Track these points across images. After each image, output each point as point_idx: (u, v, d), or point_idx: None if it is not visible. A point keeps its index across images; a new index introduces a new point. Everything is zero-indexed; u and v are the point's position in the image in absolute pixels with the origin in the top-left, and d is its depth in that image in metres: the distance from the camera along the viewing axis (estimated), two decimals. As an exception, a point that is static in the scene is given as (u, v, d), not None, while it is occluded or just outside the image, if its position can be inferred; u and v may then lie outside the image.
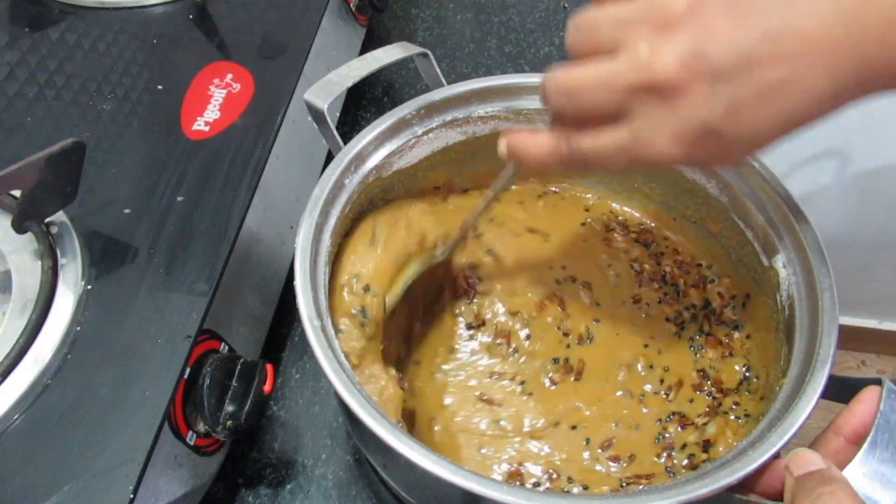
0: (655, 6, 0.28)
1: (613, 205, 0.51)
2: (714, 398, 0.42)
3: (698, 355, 0.44)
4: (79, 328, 0.37)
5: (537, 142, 0.33)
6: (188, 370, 0.37)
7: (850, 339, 1.34)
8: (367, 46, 0.68)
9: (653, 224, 0.50)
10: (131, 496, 0.32)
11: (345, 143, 0.41)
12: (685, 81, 0.27)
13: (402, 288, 0.41)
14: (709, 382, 0.43)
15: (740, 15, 0.26)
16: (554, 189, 0.51)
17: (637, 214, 0.50)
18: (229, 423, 0.38)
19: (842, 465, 0.29)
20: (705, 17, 0.27)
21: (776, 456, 0.29)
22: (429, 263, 0.43)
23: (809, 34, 0.26)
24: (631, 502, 0.28)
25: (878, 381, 0.30)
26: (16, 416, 0.34)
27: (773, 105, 0.27)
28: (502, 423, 0.41)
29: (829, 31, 0.26)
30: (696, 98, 0.27)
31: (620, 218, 0.50)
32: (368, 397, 0.31)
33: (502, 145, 0.34)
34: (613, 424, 0.41)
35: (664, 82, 0.27)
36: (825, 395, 0.31)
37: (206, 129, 0.47)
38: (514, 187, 0.51)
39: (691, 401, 0.42)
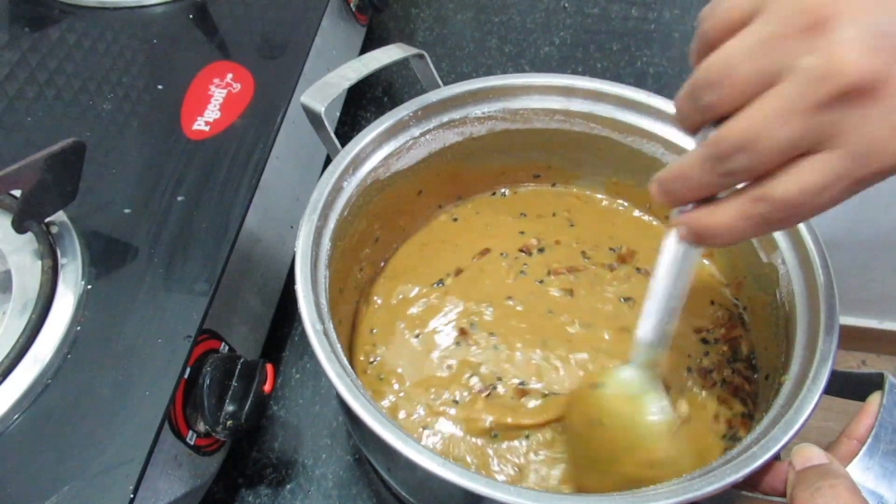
0: (792, 10, 0.23)
1: (604, 202, 0.51)
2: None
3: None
4: (79, 328, 0.37)
5: (720, 216, 0.27)
6: (188, 370, 0.37)
7: (850, 338, 1.34)
8: (367, 46, 0.68)
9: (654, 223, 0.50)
10: (131, 496, 0.32)
11: (343, 144, 0.41)
12: (883, 67, 0.22)
13: None
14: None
15: None
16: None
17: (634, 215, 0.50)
18: (229, 422, 0.38)
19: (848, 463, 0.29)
20: None
21: (780, 453, 0.29)
22: None
23: None
24: (635, 501, 0.28)
25: (881, 376, 0.30)
26: (16, 416, 0.34)
27: None
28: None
29: None
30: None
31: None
32: (371, 398, 0.31)
33: (682, 231, 0.29)
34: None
35: (860, 79, 0.22)
36: (828, 390, 0.31)
37: (207, 129, 0.47)
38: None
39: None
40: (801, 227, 0.37)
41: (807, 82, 0.23)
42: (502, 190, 0.51)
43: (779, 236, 0.39)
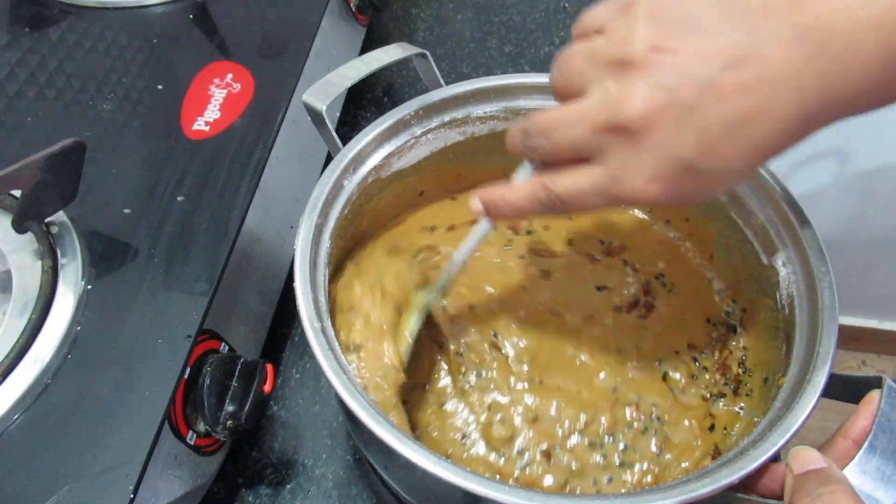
0: (617, 42, 0.28)
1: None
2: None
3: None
4: (79, 328, 0.37)
5: (513, 192, 0.33)
6: (188, 370, 0.37)
7: (851, 339, 1.34)
8: (367, 46, 0.68)
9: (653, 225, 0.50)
10: (131, 496, 0.32)
11: (344, 143, 0.41)
12: (652, 118, 0.27)
13: (410, 340, 0.41)
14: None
15: (701, 45, 0.26)
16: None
17: (635, 215, 0.50)
18: (229, 422, 0.38)
19: (845, 466, 0.29)
20: (665, 51, 0.26)
21: (777, 455, 0.29)
22: (426, 310, 0.42)
23: (771, 62, 0.25)
24: (631, 502, 0.28)
25: (879, 380, 0.30)
26: (16, 416, 0.34)
27: (743, 136, 0.26)
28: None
29: (792, 59, 0.25)
30: (665, 133, 0.27)
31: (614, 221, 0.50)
32: (370, 398, 0.31)
33: (475, 203, 0.34)
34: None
35: (631, 121, 0.27)
36: (826, 393, 0.31)
37: (207, 129, 0.47)
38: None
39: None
40: (801, 227, 0.37)
41: (600, 103, 0.28)
42: None
43: (779, 238, 0.39)
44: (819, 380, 0.31)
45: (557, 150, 0.30)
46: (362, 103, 0.67)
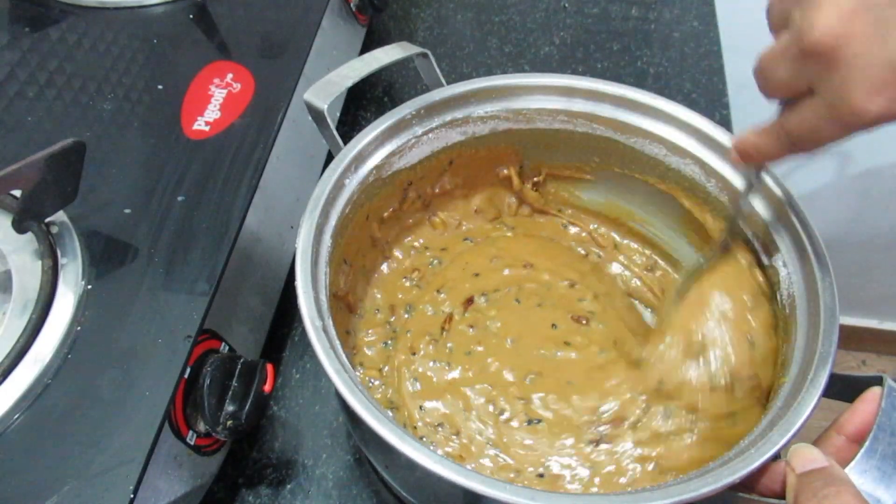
0: None
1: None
2: None
3: None
4: (79, 328, 0.37)
5: (759, 136, 0.34)
6: (188, 370, 0.37)
7: (851, 339, 1.34)
8: (367, 46, 0.67)
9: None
10: (131, 496, 0.32)
11: (345, 143, 0.41)
12: (843, 33, 0.26)
13: None
14: None
15: None
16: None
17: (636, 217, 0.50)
18: (229, 422, 0.38)
19: (843, 464, 0.29)
20: None
21: (777, 454, 0.29)
22: None
23: None
24: (631, 501, 0.28)
25: (880, 379, 0.30)
26: (16, 416, 0.34)
27: None
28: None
29: None
30: (864, 44, 0.26)
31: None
32: (371, 397, 0.31)
33: (732, 152, 0.36)
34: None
35: (820, 43, 0.26)
36: (826, 393, 0.31)
37: (207, 128, 0.47)
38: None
39: None
40: (801, 227, 0.37)
41: (791, 34, 0.28)
42: None
43: (779, 238, 0.39)
44: (819, 380, 0.31)
45: (775, 88, 0.31)
46: (362, 103, 0.67)
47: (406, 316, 0.46)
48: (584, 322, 0.44)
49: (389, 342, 0.45)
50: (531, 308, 0.45)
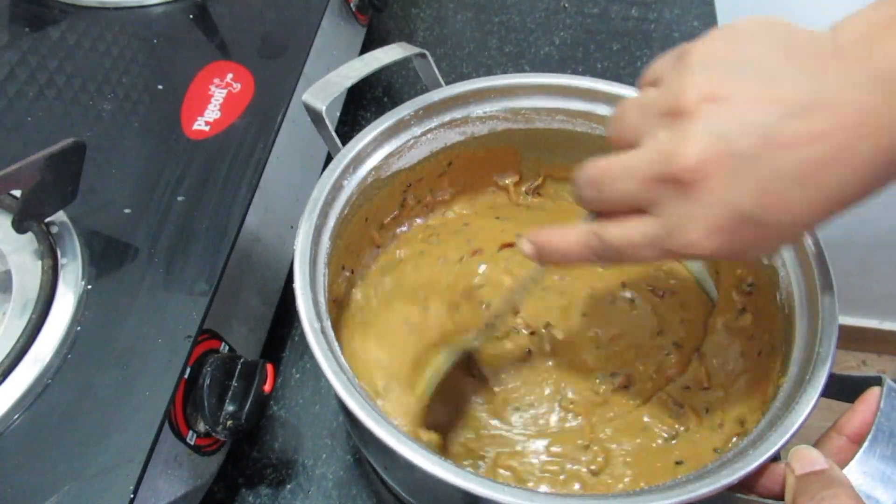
0: (670, 92, 0.27)
1: None
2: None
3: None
4: (79, 328, 0.37)
5: (565, 238, 0.32)
6: (188, 370, 0.37)
7: (851, 339, 1.34)
8: (367, 46, 0.67)
9: None
10: (131, 496, 0.32)
11: (344, 143, 0.41)
12: (707, 168, 0.25)
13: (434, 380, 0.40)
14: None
15: (759, 91, 0.25)
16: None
17: None
18: (229, 422, 0.38)
19: (843, 465, 0.29)
20: (720, 99, 0.25)
21: (777, 455, 0.29)
22: (461, 349, 0.42)
23: (845, 108, 0.24)
24: (631, 502, 0.28)
25: (879, 380, 0.30)
26: (16, 416, 0.34)
27: (812, 186, 0.25)
28: None
29: (868, 105, 0.24)
30: (722, 184, 0.25)
31: None
32: (370, 398, 0.31)
33: (526, 245, 0.33)
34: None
35: (684, 171, 0.26)
36: (826, 393, 0.31)
37: (207, 129, 0.47)
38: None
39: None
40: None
41: (652, 154, 0.27)
42: None
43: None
44: (819, 380, 0.31)
45: (609, 203, 0.29)
46: (362, 103, 0.67)
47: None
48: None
49: None
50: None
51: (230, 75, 0.50)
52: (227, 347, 0.42)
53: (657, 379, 0.42)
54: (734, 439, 0.38)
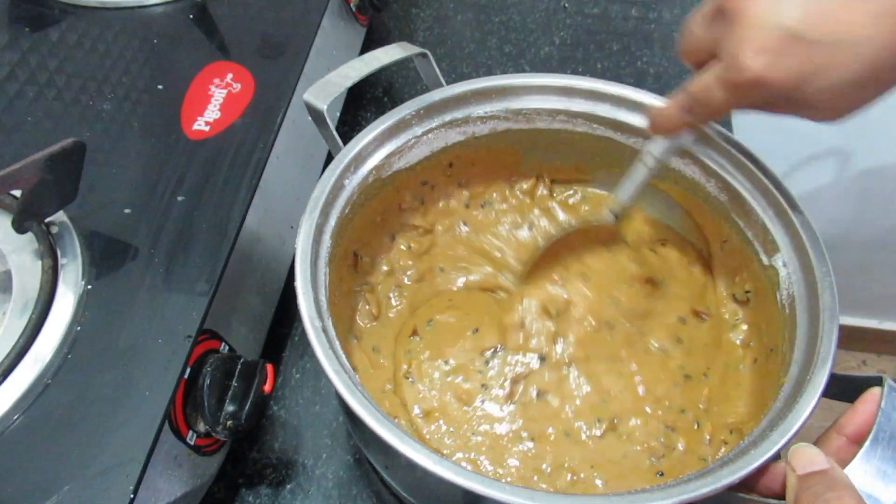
0: None
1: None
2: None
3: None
4: (79, 328, 0.37)
5: (668, 107, 0.36)
6: (188, 370, 0.37)
7: (851, 339, 1.34)
8: (367, 46, 0.67)
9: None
10: (131, 496, 0.32)
11: (344, 143, 0.41)
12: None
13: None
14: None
15: None
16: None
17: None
18: (229, 422, 0.38)
19: (843, 465, 0.29)
20: None
21: (777, 455, 0.29)
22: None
23: None
24: (631, 501, 0.28)
25: (879, 380, 0.30)
26: (16, 416, 0.34)
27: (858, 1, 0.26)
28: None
29: None
30: (764, 8, 0.28)
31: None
32: (370, 397, 0.31)
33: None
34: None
35: (730, 3, 0.29)
36: (826, 393, 0.31)
37: (207, 129, 0.47)
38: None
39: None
40: (801, 227, 0.37)
41: None
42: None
43: (779, 237, 0.39)
44: (819, 380, 0.31)
45: (689, 45, 0.33)
46: (362, 103, 0.67)
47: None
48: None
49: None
50: None
51: (230, 75, 0.50)
52: (227, 347, 0.42)
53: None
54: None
